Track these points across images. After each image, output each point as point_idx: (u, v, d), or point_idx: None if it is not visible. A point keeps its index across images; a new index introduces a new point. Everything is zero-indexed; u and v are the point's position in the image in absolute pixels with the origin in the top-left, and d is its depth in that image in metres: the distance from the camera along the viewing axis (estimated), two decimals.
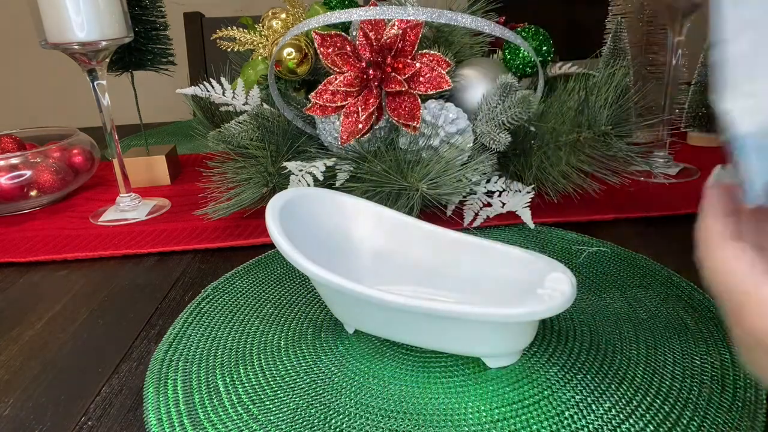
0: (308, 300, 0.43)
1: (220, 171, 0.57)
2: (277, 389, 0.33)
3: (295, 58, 0.57)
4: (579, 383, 0.32)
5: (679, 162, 0.67)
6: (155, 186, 0.72)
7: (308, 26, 0.51)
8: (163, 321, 0.42)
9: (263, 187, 0.55)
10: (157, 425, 0.31)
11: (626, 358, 0.34)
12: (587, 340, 0.36)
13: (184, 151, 0.86)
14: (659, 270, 0.44)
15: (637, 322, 0.38)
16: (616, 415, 0.30)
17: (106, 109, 0.59)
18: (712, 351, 0.34)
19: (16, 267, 0.53)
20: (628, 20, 0.73)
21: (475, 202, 0.54)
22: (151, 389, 0.34)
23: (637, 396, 0.31)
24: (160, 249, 0.53)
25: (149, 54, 0.73)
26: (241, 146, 0.57)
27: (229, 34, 0.61)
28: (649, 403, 0.30)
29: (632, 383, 0.32)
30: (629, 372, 0.33)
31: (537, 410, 0.31)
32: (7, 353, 0.39)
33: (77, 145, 0.70)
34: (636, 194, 0.59)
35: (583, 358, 0.34)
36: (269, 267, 0.48)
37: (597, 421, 0.30)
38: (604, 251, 0.47)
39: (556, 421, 0.30)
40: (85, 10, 0.52)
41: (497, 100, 0.53)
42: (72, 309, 0.45)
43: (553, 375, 0.33)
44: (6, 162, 0.63)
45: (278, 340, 0.38)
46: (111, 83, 0.60)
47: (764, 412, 0.29)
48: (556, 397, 0.31)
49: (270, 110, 0.57)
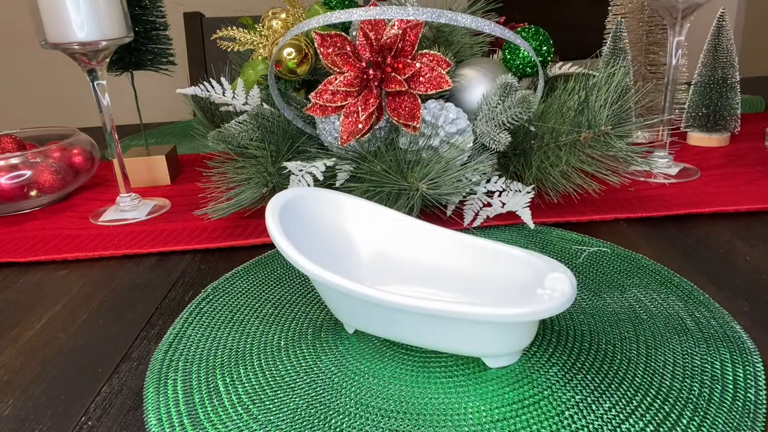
0: (308, 300, 0.43)
1: (220, 171, 0.57)
2: (277, 389, 0.33)
3: (295, 58, 0.57)
4: (579, 383, 0.32)
5: (679, 162, 0.67)
6: (155, 186, 0.72)
7: (308, 26, 0.51)
8: (163, 321, 0.42)
9: (263, 187, 0.55)
10: (157, 425, 0.31)
11: (626, 358, 0.34)
12: (587, 340, 0.36)
13: (184, 151, 0.86)
14: (659, 270, 0.44)
15: (637, 322, 0.38)
16: (616, 415, 0.30)
17: (106, 109, 0.59)
18: (712, 351, 0.34)
19: (16, 267, 0.53)
20: (628, 20, 0.73)
21: (475, 202, 0.54)
22: (151, 389, 0.34)
23: (637, 396, 0.31)
24: (160, 249, 0.53)
25: (149, 54, 0.73)
26: (241, 146, 0.57)
27: (229, 34, 0.61)
28: (649, 403, 0.30)
29: (632, 383, 0.32)
30: (629, 372, 0.33)
31: (537, 410, 0.31)
32: (7, 353, 0.39)
33: (77, 145, 0.70)
34: (636, 194, 0.59)
35: (583, 358, 0.34)
36: (269, 267, 0.48)
37: (597, 421, 0.30)
38: (604, 251, 0.47)
39: (556, 421, 0.30)
40: (85, 10, 0.52)
41: (497, 100, 0.53)
42: (72, 309, 0.45)
43: (553, 375, 0.33)
44: (6, 162, 0.63)
45: (278, 340, 0.38)
46: (111, 83, 0.60)
47: (764, 412, 0.29)
48: (556, 397, 0.31)
49: (270, 110, 0.57)
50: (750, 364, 0.33)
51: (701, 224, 0.52)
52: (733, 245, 0.48)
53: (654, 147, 0.65)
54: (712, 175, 0.63)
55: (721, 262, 0.45)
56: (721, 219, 0.53)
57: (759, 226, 0.51)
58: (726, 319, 0.37)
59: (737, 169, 0.65)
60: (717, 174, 0.63)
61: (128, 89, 0.73)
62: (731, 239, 0.49)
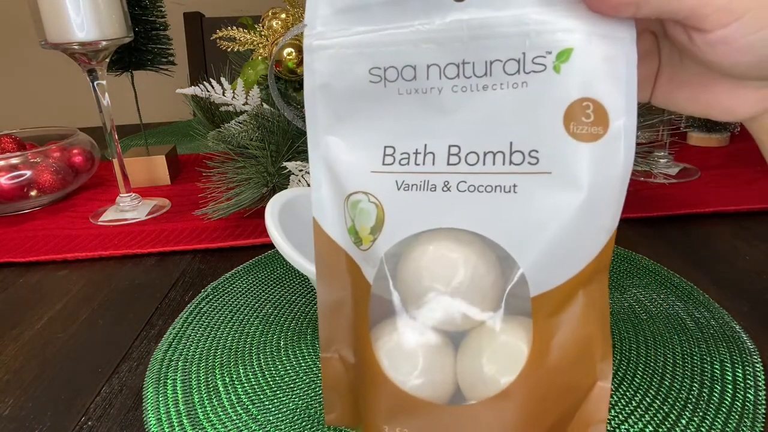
0: (308, 300, 0.43)
1: (220, 171, 0.57)
2: (277, 389, 0.33)
3: (295, 58, 0.57)
4: None
5: (679, 162, 0.67)
6: (155, 186, 0.72)
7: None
8: (163, 321, 0.42)
9: (263, 187, 0.55)
10: (156, 425, 0.31)
11: (626, 358, 0.34)
12: None
13: (184, 151, 0.86)
14: (659, 270, 0.44)
15: (637, 322, 0.38)
16: (616, 415, 0.30)
17: (106, 109, 0.59)
18: (712, 351, 0.34)
19: (16, 267, 0.53)
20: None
21: None
22: (151, 389, 0.34)
23: (637, 396, 0.31)
24: (160, 249, 0.53)
25: (149, 54, 0.73)
26: (241, 146, 0.57)
27: (229, 34, 0.61)
28: (648, 403, 0.30)
29: (632, 383, 0.32)
30: (629, 372, 0.33)
31: None
32: (7, 353, 0.39)
33: (77, 145, 0.70)
34: (636, 194, 0.59)
35: None
36: (269, 267, 0.48)
37: None
38: None
39: None
40: (85, 10, 0.52)
41: None
42: (72, 309, 0.45)
43: None
44: (6, 162, 0.63)
45: (278, 340, 0.38)
46: (111, 83, 0.60)
47: (764, 412, 0.29)
48: None
49: (270, 110, 0.57)
50: (750, 364, 0.33)
51: (701, 224, 0.52)
52: (733, 245, 0.48)
53: (654, 147, 0.65)
54: (712, 175, 0.63)
55: (721, 262, 0.45)
56: (721, 219, 0.53)
57: (759, 226, 0.51)
58: (726, 319, 0.37)
59: (737, 169, 0.65)
60: (717, 174, 0.63)
61: (128, 89, 0.73)
62: (731, 239, 0.49)
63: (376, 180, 0.25)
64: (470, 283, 0.24)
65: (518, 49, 0.22)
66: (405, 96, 0.25)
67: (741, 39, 0.22)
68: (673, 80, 0.28)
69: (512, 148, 0.23)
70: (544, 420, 0.23)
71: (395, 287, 0.25)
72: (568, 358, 0.23)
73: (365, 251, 0.25)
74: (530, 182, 0.23)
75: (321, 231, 0.27)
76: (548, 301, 0.23)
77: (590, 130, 0.22)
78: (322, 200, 0.27)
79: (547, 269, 0.23)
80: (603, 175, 0.22)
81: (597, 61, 0.22)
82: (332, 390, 0.28)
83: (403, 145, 0.25)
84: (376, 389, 0.24)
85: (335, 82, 0.26)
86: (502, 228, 0.23)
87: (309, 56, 0.26)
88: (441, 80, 0.24)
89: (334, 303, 0.27)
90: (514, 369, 0.23)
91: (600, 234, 0.23)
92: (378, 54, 0.25)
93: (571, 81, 0.22)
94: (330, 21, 0.25)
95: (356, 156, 0.26)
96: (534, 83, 0.22)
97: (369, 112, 0.26)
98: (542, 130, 0.23)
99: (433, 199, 0.24)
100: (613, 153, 0.22)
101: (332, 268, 0.27)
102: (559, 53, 0.22)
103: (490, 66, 0.23)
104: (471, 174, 0.24)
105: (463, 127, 0.24)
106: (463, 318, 0.24)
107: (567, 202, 0.22)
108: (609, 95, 0.22)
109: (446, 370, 0.24)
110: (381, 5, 0.24)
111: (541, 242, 0.22)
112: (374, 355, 0.25)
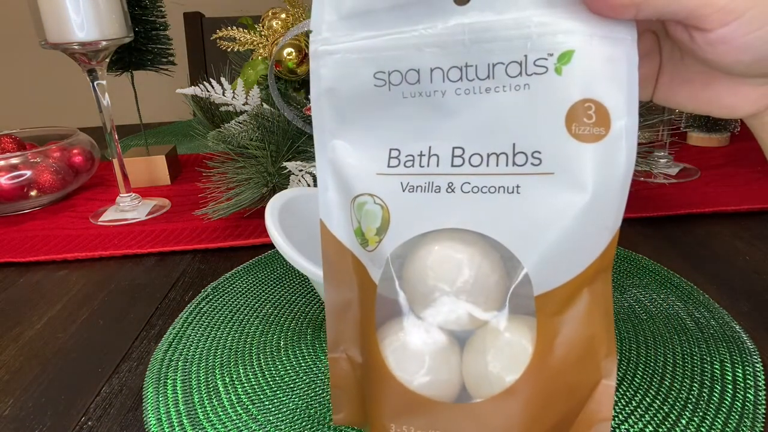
0: (308, 300, 0.43)
1: (220, 171, 0.57)
2: (277, 389, 0.33)
3: (295, 58, 0.57)
4: None
5: (679, 162, 0.67)
6: (155, 186, 0.72)
7: (308, 26, 0.51)
8: (163, 321, 0.42)
9: (263, 187, 0.55)
10: (156, 425, 0.31)
11: (626, 358, 0.34)
12: None
13: (184, 151, 0.86)
14: (659, 270, 0.44)
15: (637, 322, 0.38)
16: (616, 415, 0.30)
17: (106, 109, 0.59)
18: (711, 351, 0.34)
19: (16, 267, 0.53)
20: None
21: None
22: (151, 389, 0.34)
23: (636, 396, 0.31)
24: (160, 249, 0.53)
25: (149, 54, 0.73)
26: (241, 146, 0.57)
27: (229, 34, 0.61)
28: (648, 403, 0.30)
29: (632, 383, 0.32)
30: (629, 372, 0.33)
31: None
32: (7, 353, 0.39)
33: (77, 145, 0.70)
34: (636, 194, 0.59)
35: None
36: (269, 267, 0.48)
37: None
38: None
39: None
40: (85, 10, 0.52)
41: None
42: (72, 309, 0.45)
43: None
44: (6, 162, 0.63)
45: (278, 340, 0.38)
46: (111, 83, 0.60)
47: (764, 412, 0.29)
48: None
49: (270, 110, 0.57)
50: (749, 364, 0.33)
51: (701, 224, 0.52)
52: (733, 245, 0.48)
53: (654, 147, 0.65)
54: (712, 175, 0.63)
55: (721, 262, 0.45)
56: (721, 219, 0.53)
57: (759, 226, 0.51)
58: (726, 319, 0.37)
59: (737, 169, 0.65)
60: (717, 174, 0.63)
61: (128, 89, 0.73)
62: (731, 239, 0.49)
63: (381, 182, 0.26)
64: (475, 283, 0.24)
65: (520, 51, 0.22)
66: (409, 99, 0.25)
67: (741, 38, 0.22)
68: (675, 78, 0.28)
69: (515, 149, 0.23)
70: (549, 418, 0.23)
71: (401, 287, 0.25)
72: (572, 357, 0.23)
73: (371, 252, 0.25)
74: (533, 183, 0.23)
75: (328, 233, 0.27)
76: (552, 300, 0.23)
77: (592, 131, 0.22)
78: (328, 202, 0.27)
79: (551, 269, 0.23)
80: (605, 175, 0.22)
81: (598, 62, 0.22)
82: (340, 390, 0.28)
83: (408, 147, 0.26)
84: (382, 388, 0.25)
85: (341, 86, 0.26)
86: (506, 228, 0.23)
87: (315, 62, 0.26)
88: (444, 83, 0.24)
89: (342, 304, 0.27)
90: (518, 367, 0.23)
91: (603, 233, 0.23)
92: (382, 58, 0.25)
93: (573, 82, 0.22)
94: (335, 27, 0.26)
95: (362, 158, 0.26)
96: (536, 85, 0.22)
97: (374, 116, 0.26)
98: (544, 132, 0.23)
99: (438, 201, 0.24)
100: (615, 153, 0.22)
101: (339, 270, 0.27)
102: (560, 55, 0.22)
103: (492, 68, 0.23)
104: (475, 175, 0.24)
105: (467, 129, 0.24)
106: (468, 317, 0.24)
107: (570, 203, 0.22)
108: (610, 96, 0.22)
109: (452, 369, 0.24)
110: (385, 11, 0.24)
111: (545, 242, 0.23)
112: (381, 354, 0.25)
